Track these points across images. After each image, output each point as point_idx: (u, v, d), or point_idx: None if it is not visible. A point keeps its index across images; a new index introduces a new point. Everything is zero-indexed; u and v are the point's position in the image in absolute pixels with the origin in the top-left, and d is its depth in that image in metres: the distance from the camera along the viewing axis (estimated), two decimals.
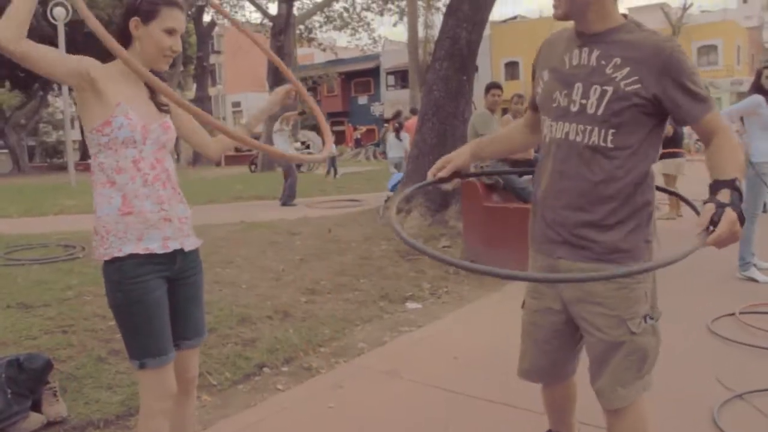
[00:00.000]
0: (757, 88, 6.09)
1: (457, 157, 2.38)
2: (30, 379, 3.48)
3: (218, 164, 35.19)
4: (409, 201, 8.63)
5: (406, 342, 4.70)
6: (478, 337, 4.69)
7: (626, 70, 1.94)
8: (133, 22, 2.27)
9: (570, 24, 2.12)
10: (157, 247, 2.29)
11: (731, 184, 1.82)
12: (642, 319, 2.09)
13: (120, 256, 2.24)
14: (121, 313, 2.29)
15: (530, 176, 7.07)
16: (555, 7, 2.05)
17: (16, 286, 5.85)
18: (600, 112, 1.98)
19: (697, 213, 1.88)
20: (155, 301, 2.28)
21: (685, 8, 41.70)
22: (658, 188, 2.25)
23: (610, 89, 1.96)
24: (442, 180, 2.39)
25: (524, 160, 7.10)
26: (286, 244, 7.91)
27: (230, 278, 6.10)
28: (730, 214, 1.73)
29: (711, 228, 1.75)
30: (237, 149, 44.85)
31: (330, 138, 2.72)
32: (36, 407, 3.42)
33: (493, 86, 7.37)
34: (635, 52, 1.94)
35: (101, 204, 2.28)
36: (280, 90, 2.80)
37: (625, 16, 2.05)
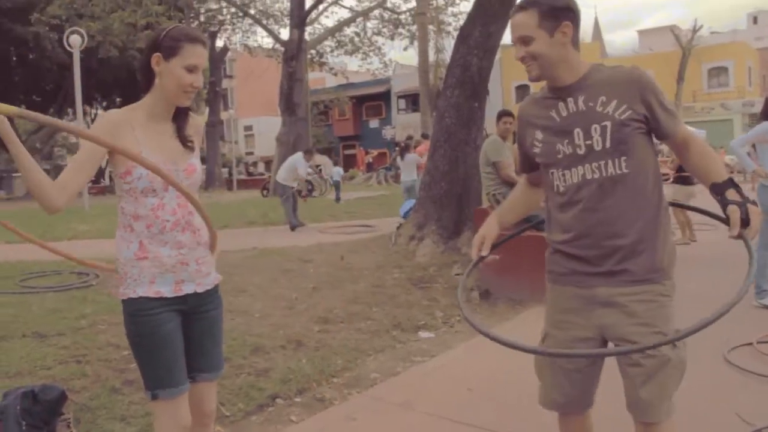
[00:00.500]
0: (766, 114, 6.07)
1: (489, 231, 2.46)
2: (44, 411, 3.50)
3: (230, 188, 35.37)
4: (421, 229, 8.65)
5: (419, 372, 4.69)
6: (492, 367, 4.67)
7: (614, 102, 2.19)
8: (155, 58, 2.29)
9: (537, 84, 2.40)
10: (167, 291, 2.34)
11: (732, 183, 2.17)
12: (675, 333, 2.22)
13: (134, 297, 2.32)
14: (134, 345, 2.36)
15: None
16: (528, 71, 2.29)
17: (31, 315, 5.88)
18: (608, 145, 2.19)
19: (719, 219, 2.19)
20: (166, 333, 2.33)
21: (695, 30, 41.72)
22: (683, 206, 2.56)
23: (608, 123, 2.19)
24: (484, 257, 2.46)
25: None
26: (299, 272, 7.93)
27: (243, 307, 6.12)
28: (753, 209, 2.10)
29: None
30: (248, 173, 45.16)
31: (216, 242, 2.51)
32: None
33: (504, 114, 7.38)
34: (613, 86, 2.22)
35: (121, 247, 2.35)
36: None
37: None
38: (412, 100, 46.32)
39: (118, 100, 43.88)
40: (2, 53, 33.90)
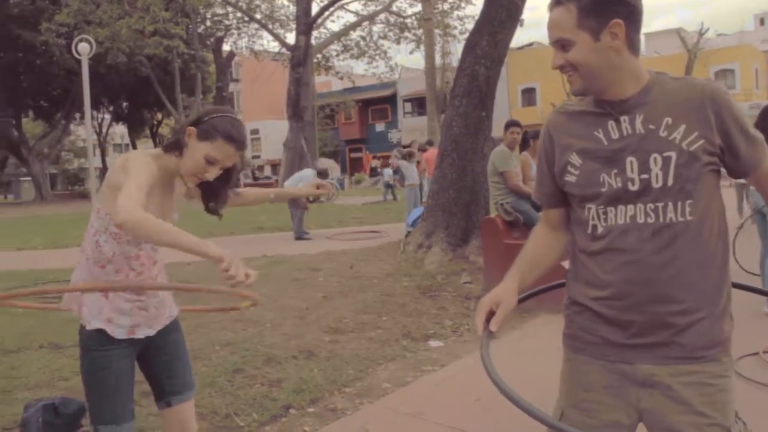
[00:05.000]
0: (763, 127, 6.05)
1: (506, 299, 1.87)
2: (65, 424, 3.60)
3: None
4: (430, 237, 8.73)
5: (429, 382, 4.75)
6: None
7: (682, 127, 1.69)
8: (189, 130, 2.33)
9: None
10: (121, 333, 2.37)
11: None
12: (735, 420, 1.80)
13: (88, 329, 2.35)
14: (85, 378, 2.40)
15: None
16: (569, 83, 1.81)
17: (48, 326, 5.96)
18: (670, 182, 1.69)
19: None
20: (117, 371, 2.36)
21: (701, 33, 41.66)
22: (747, 288, 2.09)
23: (673, 154, 1.68)
24: (492, 333, 1.84)
25: None
26: (308, 281, 8.00)
27: (255, 317, 6.18)
28: None
29: None
30: (254, 177, 45.22)
31: None
32: None
33: (512, 124, 7.46)
34: (682, 105, 1.71)
35: (85, 277, 2.38)
36: (317, 186, 2.93)
37: None
38: (419, 104, 46.39)
39: (124, 104, 44.20)
40: (11, 59, 34.17)
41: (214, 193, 2.53)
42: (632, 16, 1.71)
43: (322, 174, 14.60)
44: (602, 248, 1.78)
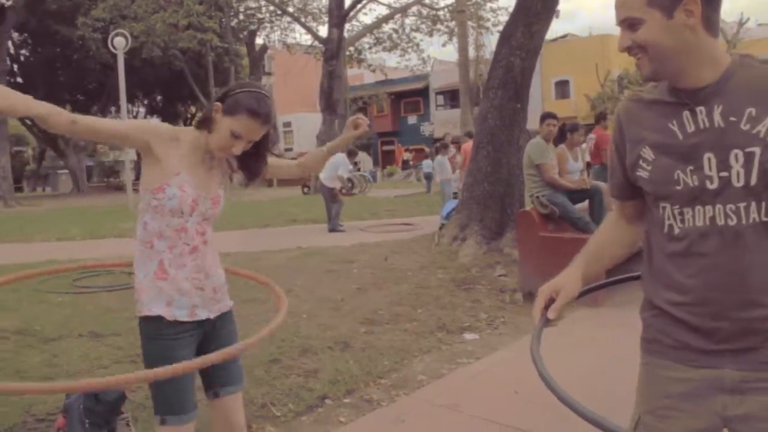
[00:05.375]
0: None
1: (568, 287, 1.81)
2: (105, 411, 3.64)
3: (270, 185, 35.72)
4: (464, 229, 8.69)
5: (464, 375, 4.74)
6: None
7: (767, 120, 1.52)
8: (216, 106, 2.36)
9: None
10: (183, 315, 2.38)
11: None
12: None
13: (150, 315, 2.35)
14: (149, 367, 2.37)
15: (583, 204, 7.11)
16: (639, 67, 1.65)
17: (86, 315, 6.07)
18: (754, 181, 1.53)
19: None
20: (182, 360, 2.34)
21: (741, 23, 40.86)
22: None
23: (757, 150, 1.52)
24: (550, 321, 1.81)
25: (581, 189, 7.12)
26: (343, 273, 8.01)
27: (291, 308, 6.12)
28: None
29: None
30: None
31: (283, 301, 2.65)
32: None
33: (548, 116, 7.37)
34: (767, 92, 1.55)
35: (140, 263, 2.40)
36: (351, 122, 2.81)
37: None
38: (451, 96, 46.15)
39: (159, 98, 44.68)
40: (49, 54, 34.76)
41: (245, 166, 2.55)
42: None
43: (351, 153, 14.63)
44: (681, 251, 1.65)
